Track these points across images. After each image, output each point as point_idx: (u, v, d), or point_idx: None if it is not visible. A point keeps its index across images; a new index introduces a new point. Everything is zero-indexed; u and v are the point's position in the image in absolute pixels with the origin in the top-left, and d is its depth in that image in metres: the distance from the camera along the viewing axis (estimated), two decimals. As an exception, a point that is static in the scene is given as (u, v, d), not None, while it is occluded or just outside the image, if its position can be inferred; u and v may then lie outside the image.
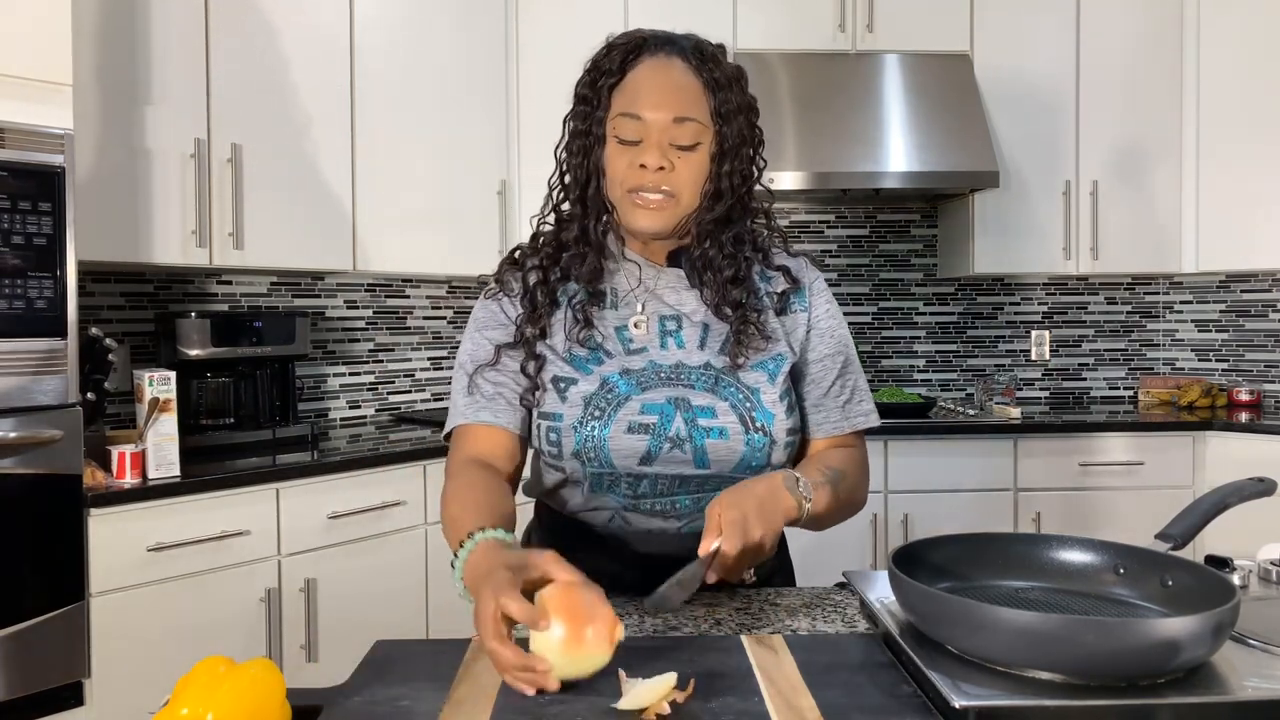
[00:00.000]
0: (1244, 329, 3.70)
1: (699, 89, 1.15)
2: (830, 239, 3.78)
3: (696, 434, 1.12)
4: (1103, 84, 3.45)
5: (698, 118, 1.14)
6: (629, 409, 1.12)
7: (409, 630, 2.60)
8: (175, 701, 0.73)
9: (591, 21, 2.93)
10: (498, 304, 1.22)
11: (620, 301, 1.20)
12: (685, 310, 1.19)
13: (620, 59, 1.15)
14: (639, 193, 1.13)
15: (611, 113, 1.14)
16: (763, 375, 1.15)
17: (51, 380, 1.96)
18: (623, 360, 1.15)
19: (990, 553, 1.00)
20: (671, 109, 1.12)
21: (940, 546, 0.99)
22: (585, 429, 1.12)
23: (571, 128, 1.18)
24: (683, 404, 1.13)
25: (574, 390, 1.14)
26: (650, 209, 1.13)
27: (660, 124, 1.12)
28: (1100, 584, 0.96)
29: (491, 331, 1.20)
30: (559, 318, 1.19)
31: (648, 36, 1.18)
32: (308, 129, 2.72)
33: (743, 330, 1.15)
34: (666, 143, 1.12)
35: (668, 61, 1.16)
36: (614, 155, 1.14)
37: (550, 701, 0.80)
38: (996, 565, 1.00)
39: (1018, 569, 0.99)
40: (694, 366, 1.15)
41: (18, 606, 1.91)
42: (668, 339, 1.17)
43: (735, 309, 1.16)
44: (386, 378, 3.38)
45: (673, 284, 1.20)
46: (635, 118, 1.12)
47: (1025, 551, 1.00)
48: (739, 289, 1.17)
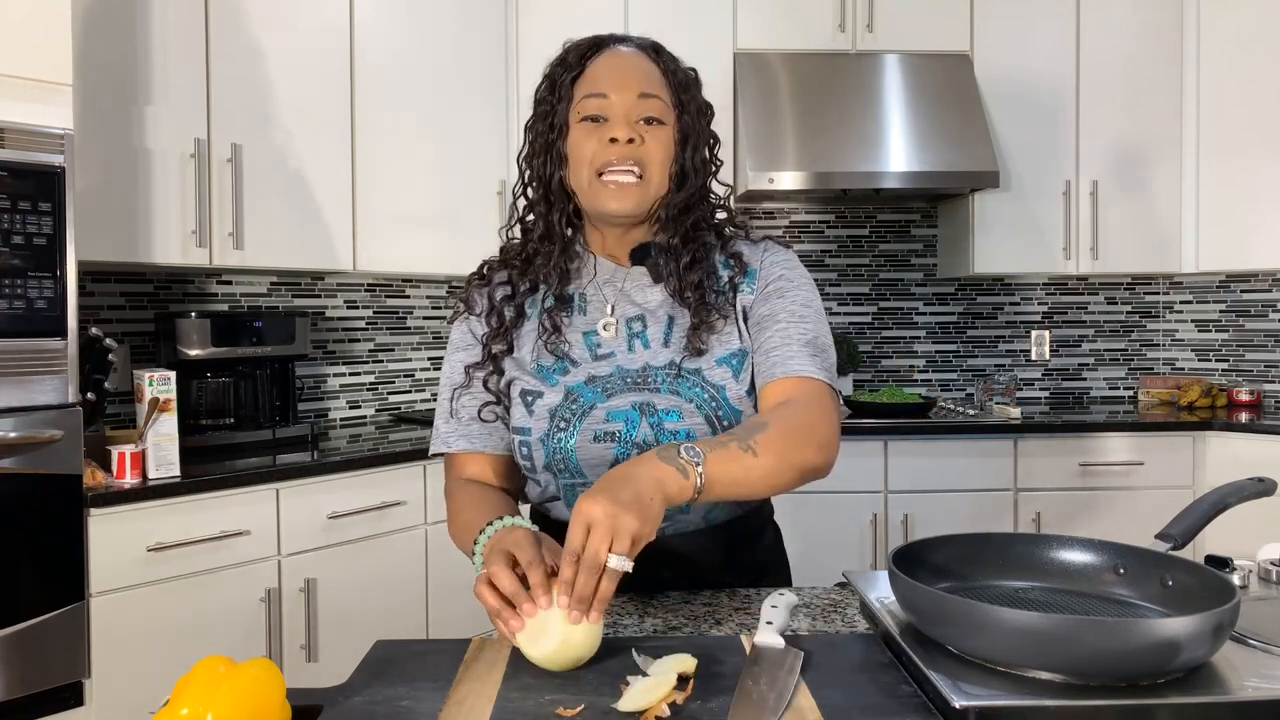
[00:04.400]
0: (1244, 329, 3.70)
1: (659, 76, 1.17)
2: (830, 239, 3.78)
3: (663, 438, 1.11)
4: (1103, 84, 3.45)
5: (661, 96, 1.15)
6: (594, 418, 1.13)
7: (409, 630, 2.60)
8: (175, 701, 0.73)
9: (591, 21, 2.90)
10: (467, 324, 1.23)
11: (589, 306, 1.20)
12: (650, 306, 1.19)
13: (579, 56, 1.17)
14: (608, 171, 1.13)
15: (575, 99, 1.15)
16: (727, 372, 1.15)
17: (51, 380, 1.96)
18: (589, 368, 1.16)
19: (990, 552, 1.00)
20: (636, 86, 1.14)
21: (940, 547, 0.99)
22: (553, 441, 1.13)
23: (533, 130, 1.19)
24: (648, 409, 1.12)
25: (540, 403, 1.14)
26: (619, 189, 1.13)
27: (626, 100, 1.13)
28: (1100, 584, 0.96)
29: (462, 353, 1.22)
30: (528, 329, 1.19)
31: (606, 36, 1.20)
32: (308, 129, 2.72)
33: (701, 309, 1.15)
34: (633, 118, 1.13)
35: (627, 51, 1.18)
36: (580, 138, 1.14)
37: (551, 702, 0.80)
38: (996, 565, 1.00)
39: (1017, 569, 0.99)
40: (659, 367, 1.15)
41: (18, 606, 1.91)
42: (634, 341, 1.17)
43: (694, 290, 1.16)
44: (386, 378, 3.38)
45: (638, 282, 1.20)
46: (601, 96, 1.13)
47: (1025, 551, 1.00)
48: (697, 271, 1.16)
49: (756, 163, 3.17)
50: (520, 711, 0.79)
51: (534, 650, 0.86)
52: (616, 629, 1.04)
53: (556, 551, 0.93)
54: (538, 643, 0.86)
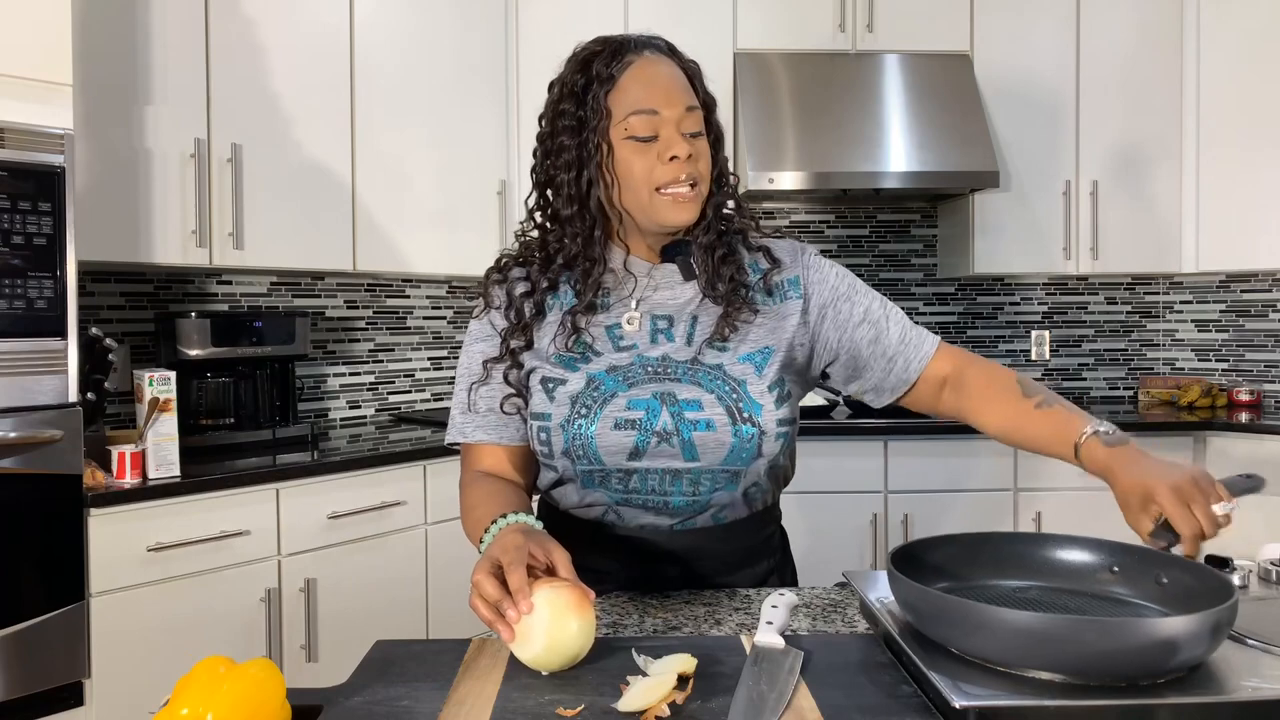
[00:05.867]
0: (1244, 329, 3.70)
1: (686, 80, 1.17)
2: (830, 239, 3.78)
3: (683, 427, 1.12)
4: (1103, 84, 3.45)
5: (697, 105, 1.16)
6: (615, 405, 1.13)
7: (409, 630, 2.60)
8: (175, 701, 0.73)
9: (591, 21, 2.93)
10: (487, 318, 1.23)
11: (613, 301, 1.20)
12: (679, 303, 1.19)
13: (606, 65, 1.13)
14: (669, 188, 1.13)
15: (617, 116, 1.12)
16: (749, 367, 1.15)
17: (51, 380, 1.96)
18: (610, 358, 1.16)
19: (987, 552, 1.00)
20: (682, 100, 1.14)
21: (939, 546, 0.99)
22: (573, 427, 1.13)
23: (556, 141, 1.15)
24: (669, 398, 1.13)
25: (561, 390, 1.14)
26: (683, 202, 1.14)
27: (675, 115, 1.13)
28: (1097, 583, 0.96)
29: (481, 344, 1.22)
30: (549, 324, 1.19)
31: (623, 40, 1.17)
32: (308, 129, 2.72)
33: (733, 303, 1.16)
34: (684, 131, 1.13)
35: (656, 58, 1.16)
36: (630, 156, 1.12)
37: (551, 702, 0.80)
38: (994, 565, 1.00)
39: (1015, 568, 0.99)
40: (680, 361, 1.15)
41: (18, 606, 1.91)
42: (659, 335, 1.17)
43: (727, 283, 1.17)
44: (386, 378, 3.38)
45: (668, 279, 1.20)
46: (651, 113, 1.12)
47: (1022, 551, 1.00)
48: (730, 264, 1.18)
49: (756, 163, 3.17)
50: (520, 711, 0.79)
51: (523, 653, 0.86)
52: (616, 629, 1.04)
53: (551, 548, 0.93)
54: (525, 646, 0.86)
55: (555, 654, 0.85)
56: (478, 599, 0.89)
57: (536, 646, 0.85)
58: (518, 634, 0.86)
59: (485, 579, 0.89)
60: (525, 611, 0.86)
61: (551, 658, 0.86)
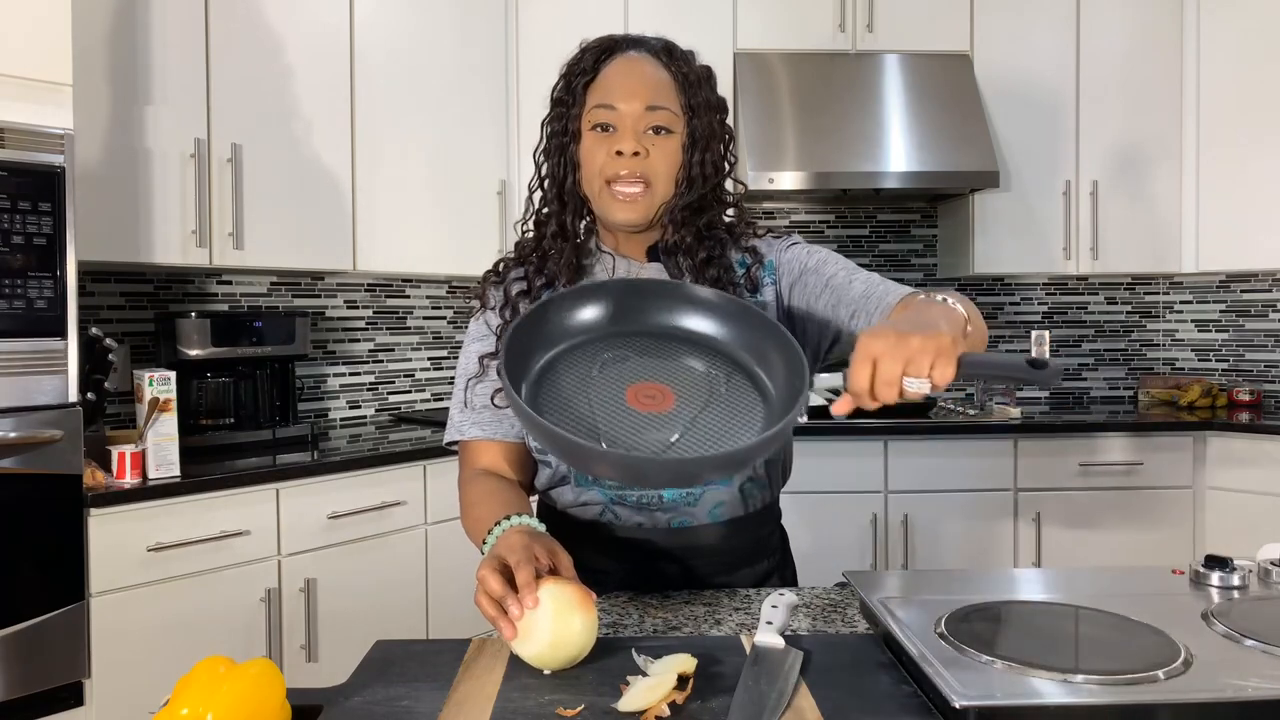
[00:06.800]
0: (1244, 329, 3.69)
1: (670, 82, 1.18)
2: (830, 239, 3.77)
3: None
4: (1102, 84, 3.45)
5: (669, 106, 1.16)
6: None
7: (409, 630, 2.60)
8: (175, 701, 0.73)
9: (591, 21, 2.92)
10: (483, 317, 1.25)
11: None
12: None
13: (593, 59, 1.18)
14: (615, 185, 1.15)
15: (587, 107, 1.17)
16: None
17: (51, 380, 1.96)
18: None
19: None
20: (644, 98, 1.15)
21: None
22: None
23: (549, 129, 1.22)
24: None
25: None
26: (627, 202, 1.15)
27: (634, 112, 1.15)
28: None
29: (477, 344, 1.24)
30: None
31: (619, 38, 1.21)
32: (308, 129, 2.72)
33: None
34: (641, 129, 1.15)
35: (639, 57, 1.19)
36: (591, 146, 1.17)
37: (551, 702, 0.80)
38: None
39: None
40: None
41: (18, 607, 1.91)
42: None
43: (712, 284, 1.17)
44: (386, 378, 3.38)
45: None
46: (609, 107, 1.16)
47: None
48: (714, 267, 1.19)
49: (756, 163, 3.17)
50: (520, 711, 0.79)
51: (525, 650, 0.87)
52: (616, 629, 1.04)
53: (555, 550, 0.94)
54: (528, 643, 0.86)
55: (558, 651, 0.86)
56: (482, 595, 0.89)
57: (540, 643, 0.86)
58: (521, 631, 0.86)
59: (490, 575, 0.89)
60: (531, 606, 0.86)
61: (554, 654, 0.86)
